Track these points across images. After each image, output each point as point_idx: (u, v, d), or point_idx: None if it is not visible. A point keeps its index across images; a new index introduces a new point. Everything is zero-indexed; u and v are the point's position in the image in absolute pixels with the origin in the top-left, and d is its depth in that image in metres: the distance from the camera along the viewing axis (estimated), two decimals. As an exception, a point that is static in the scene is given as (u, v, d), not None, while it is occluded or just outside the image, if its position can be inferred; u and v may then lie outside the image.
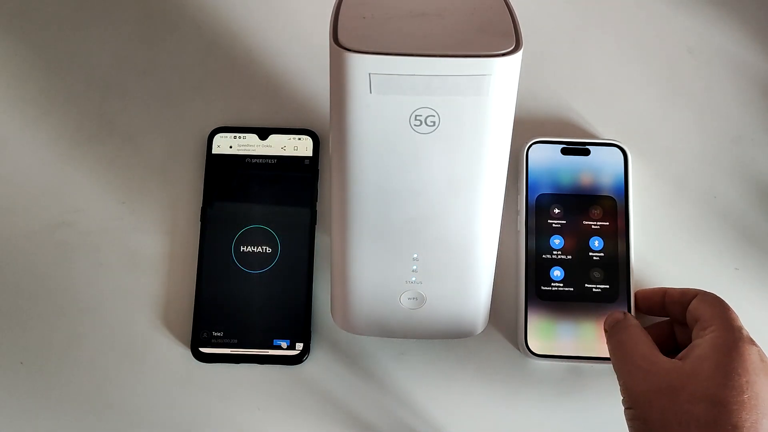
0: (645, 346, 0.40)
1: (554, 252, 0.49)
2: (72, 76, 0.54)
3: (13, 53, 0.54)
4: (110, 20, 0.55)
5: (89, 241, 0.51)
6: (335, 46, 0.34)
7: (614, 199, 0.49)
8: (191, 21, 0.55)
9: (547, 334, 0.47)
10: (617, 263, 0.48)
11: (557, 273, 0.48)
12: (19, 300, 0.50)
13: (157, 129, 0.53)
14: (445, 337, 0.47)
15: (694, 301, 0.42)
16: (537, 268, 0.48)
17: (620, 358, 0.41)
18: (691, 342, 0.40)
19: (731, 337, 0.38)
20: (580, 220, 0.49)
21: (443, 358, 0.49)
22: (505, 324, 0.49)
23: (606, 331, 0.43)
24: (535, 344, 0.47)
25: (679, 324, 0.45)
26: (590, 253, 0.48)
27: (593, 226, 0.49)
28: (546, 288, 0.48)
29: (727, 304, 0.41)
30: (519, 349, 0.48)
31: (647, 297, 0.47)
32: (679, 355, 0.39)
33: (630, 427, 0.38)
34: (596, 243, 0.49)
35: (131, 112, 0.53)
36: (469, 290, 0.43)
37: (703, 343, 0.39)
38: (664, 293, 0.45)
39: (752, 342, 0.38)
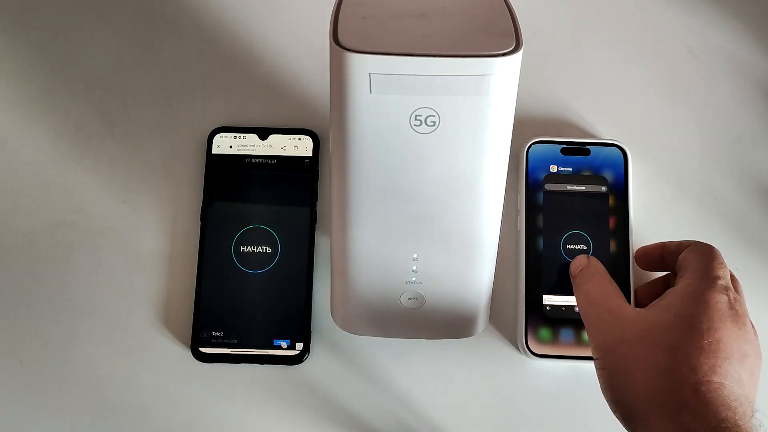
0: (611, 299, 0.40)
1: (554, 252, 0.49)
2: (72, 76, 0.54)
3: (13, 53, 0.54)
4: (110, 20, 0.55)
5: (89, 241, 0.51)
6: (335, 46, 0.34)
7: (614, 199, 0.49)
8: (191, 21, 0.55)
9: (547, 333, 0.47)
10: (617, 263, 0.48)
11: (557, 273, 0.48)
12: (19, 300, 0.50)
13: (157, 129, 0.53)
14: (445, 338, 0.47)
15: (685, 251, 0.42)
16: (537, 268, 0.48)
17: (587, 311, 0.41)
18: None
19: (702, 285, 0.38)
20: (580, 220, 0.49)
21: (443, 358, 0.49)
22: (505, 324, 0.49)
23: (573, 277, 0.44)
24: (535, 344, 0.47)
25: (675, 277, 0.45)
26: (590, 253, 0.48)
27: (593, 226, 0.49)
28: (546, 288, 0.48)
29: (715, 254, 0.40)
30: (519, 349, 0.48)
31: (647, 252, 0.47)
32: (650, 304, 0.39)
33: (598, 377, 0.39)
34: (596, 243, 0.49)
35: (131, 112, 0.53)
36: (469, 290, 0.43)
37: (672, 292, 0.39)
38: (663, 247, 0.45)
39: (725, 290, 0.38)
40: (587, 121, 0.53)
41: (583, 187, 0.50)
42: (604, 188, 0.50)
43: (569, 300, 0.48)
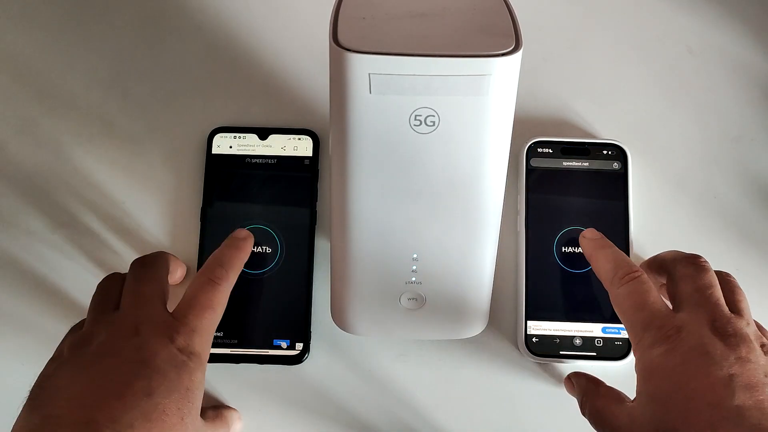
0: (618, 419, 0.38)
1: (554, 252, 0.49)
2: (72, 76, 0.54)
3: (13, 53, 0.54)
4: (111, 20, 0.55)
5: (89, 241, 0.51)
6: (335, 46, 0.34)
7: (614, 199, 0.49)
8: (191, 21, 0.55)
9: (547, 334, 0.47)
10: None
11: (557, 273, 0.48)
12: (19, 300, 0.50)
13: (157, 129, 0.53)
14: (445, 338, 0.47)
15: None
16: (537, 268, 0.48)
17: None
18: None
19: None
20: (581, 219, 0.49)
21: (443, 359, 0.49)
22: (505, 324, 0.49)
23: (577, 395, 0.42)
24: (535, 344, 0.47)
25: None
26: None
27: (593, 226, 0.49)
28: (546, 288, 0.48)
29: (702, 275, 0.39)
30: (519, 349, 0.48)
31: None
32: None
33: None
34: (596, 243, 0.49)
35: (131, 112, 0.53)
36: (469, 290, 0.43)
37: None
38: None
39: (700, 348, 0.36)
40: (587, 121, 0.53)
41: (583, 188, 0.50)
42: (604, 189, 0.50)
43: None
